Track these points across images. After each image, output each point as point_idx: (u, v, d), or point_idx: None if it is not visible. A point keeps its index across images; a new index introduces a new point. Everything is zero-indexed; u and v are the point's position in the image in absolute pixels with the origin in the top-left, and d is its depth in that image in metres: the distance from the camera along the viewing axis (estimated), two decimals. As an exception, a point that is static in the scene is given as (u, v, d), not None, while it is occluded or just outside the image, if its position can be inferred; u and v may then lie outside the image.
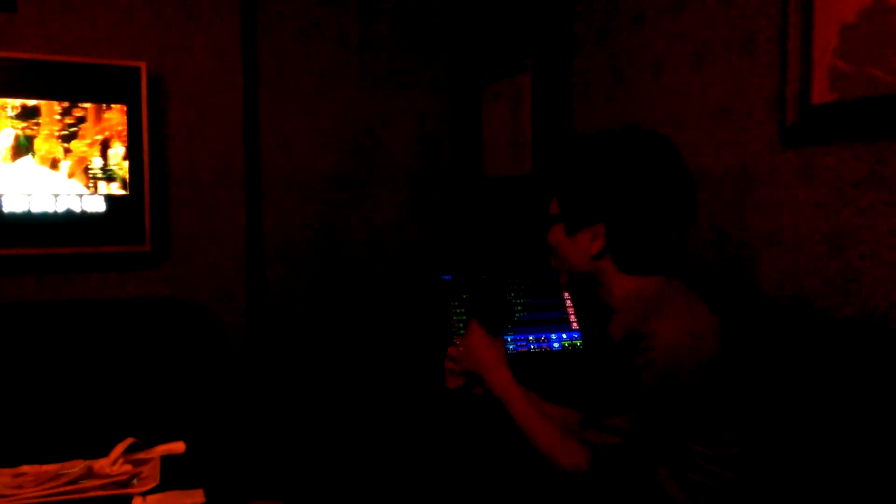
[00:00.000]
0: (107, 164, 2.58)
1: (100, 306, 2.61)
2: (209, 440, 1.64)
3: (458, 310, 2.03)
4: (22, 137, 2.48)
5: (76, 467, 1.33)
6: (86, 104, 2.55)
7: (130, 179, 2.61)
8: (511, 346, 1.98)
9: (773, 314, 1.65)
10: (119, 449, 1.37)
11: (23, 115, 2.48)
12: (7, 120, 2.46)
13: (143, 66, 2.61)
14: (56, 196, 2.53)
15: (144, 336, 2.56)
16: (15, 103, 2.47)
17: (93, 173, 2.56)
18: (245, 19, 2.87)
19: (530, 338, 2.02)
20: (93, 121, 2.56)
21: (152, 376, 2.51)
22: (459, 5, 3.16)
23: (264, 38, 2.91)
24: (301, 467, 2.63)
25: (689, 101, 1.93)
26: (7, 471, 1.33)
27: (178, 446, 1.46)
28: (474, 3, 3.07)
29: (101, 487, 1.28)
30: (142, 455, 1.41)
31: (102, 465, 1.34)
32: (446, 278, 2.07)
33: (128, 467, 1.35)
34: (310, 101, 2.99)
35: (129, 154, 2.60)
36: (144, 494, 1.27)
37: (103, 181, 2.58)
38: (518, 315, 2.01)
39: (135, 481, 1.32)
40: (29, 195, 2.50)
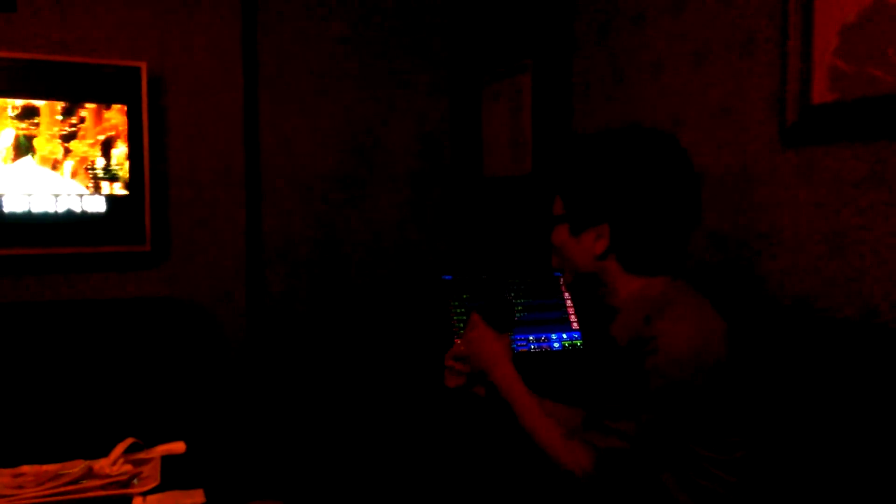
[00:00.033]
0: (107, 164, 2.58)
1: (100, 306, 2.61)
2: (209, 440, 1.64)
3: (458, 310, 2.03)
4: (22, 137, 2.48)
5: (76, 467, 1.33)
6: (86, 104, 2.55)
7: (131, 179, 2.61)
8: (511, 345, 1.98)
9: (773, 314, 1.65)
10: (119, 449, 1.37)
11: (23, 115, 2.48)
12: (7, 120, 2.46)
13: (143, 66, 2.61)
14: (56, 196, 2.53)
15: (144, 336, 2.56)
16: (15, 103, 2.47)
17: (93, 173, 2.57)
18: (245, 19, 2.87)
19: (530, 338, 2.03)
20: (93, 121, 2.56)
21: (152, 376, 2.51)
22: (459, 5, 3.16)
23: (264, 38, 2.91)
24: (301, 467, 2.63)
25: (689, 101, 1.93)
26: (7, 471, 1.33)
27: (178, 446, 1.47)
28: (474, 3, 3.07)
29: (101, 487, 1.28)
30: (142, 455, 1.41)
31: (102, 465, 1.34)
32: (446, 278, 2.07)
33: (128, 467, 1.35)
34: (310, 101, 2.99)
35: (130, 154, 2.60)
36: (144, 494, 1.27)
37: (103, 181, 2.58)
38: (518, 315, 2.01)
39: (135, 481, 1.32)
40: (29, 195, 2.50)
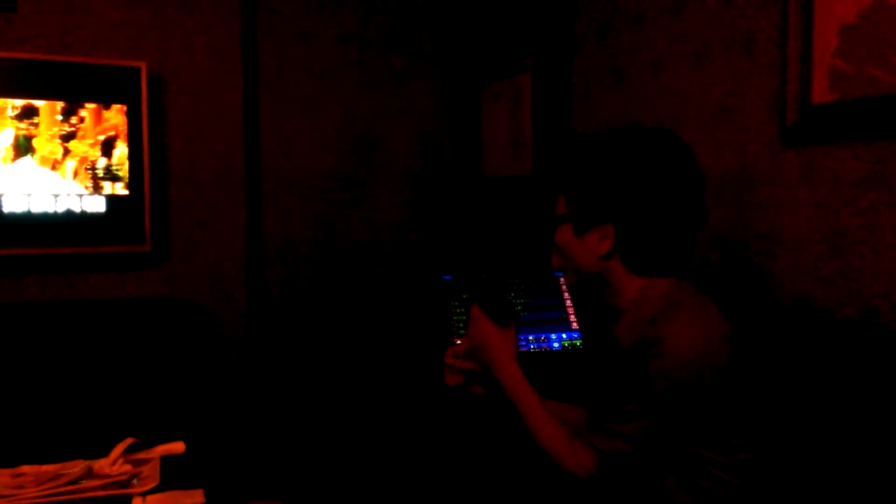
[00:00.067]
0: (107, 164, 2.58)
1: (100, 306, 2.61)
2: (209, 440, 1.64)
3: (458, 310, 2.03)
4: (22, 137, 2.48)
5: (76, 467, 1.33)
6: (86, 104, 2.54)
7: (130, 179, 2.60)
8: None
9: (773, 314, 1.65)
10: (119, 449, 1.37)
11: (23, 115, 2.48)
12: (7, 120, 2.46)
13: (143, 66, 2.61)
14: (56, 196, 2.53)
15: (144, 336, 2.56)
16: (15, 103, 2.47)
17: (93, 173, 2.56)
18: (245, 19, 2.87)
19: (530, 337, 2.02)
20: (93, 121, 2.56)
21: (152, 376, 2.51)
22: (459, 5, 3.16)
23: (264, 38, 2.91)
24: (301, 467, 2.63)
25: (689, 101, 1.93)
26: (7, 471, 1.33)
27: (178, 446, 1.46)
28: (474, 3, 3.07)
29: (101, 487, 1.28)
30: (142, 455, 1.41)
31: (102, 465, 1.34)
32: (446, 278, 2.07)
33: (128, 467, 1.35)
34: (310, 101, 2.99)
35: (130, 154, 2.60)
36: (144, 494, 1.27)
37: (103, 181, 2.58)
38: (518, 314, 2.01)
39: (135, 481, 1.32)
40: (29, 195, 2.50)
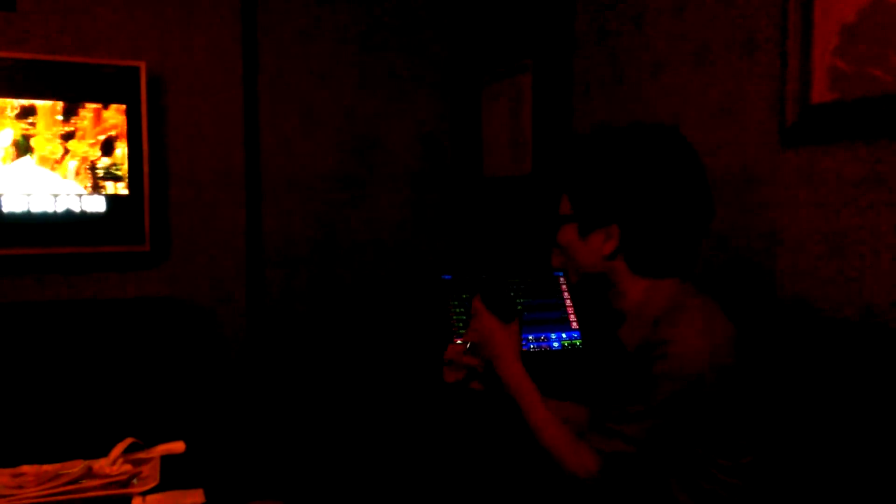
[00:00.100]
0: (107, 164, 2.58)
1: (100, 306, 2.61)
2: (209, 440, 1.64)
3: (457, 310, 2.03)
4: (21, 137, 2.48)
5: (76, 467, 1.33)
6: (85, 104, 2.54)
7: (130, 179, 2.60)
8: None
9: (772, 315, 1.65)
10: (119, 449, 1.37)
11: (22, 115, 2.48)
12: (7, 120, 2.46)
13: (142, 66, 2.60)
14: (56, 196, 2.52)
15: (144, 336, 2.56)
16: (14, 103, 2.47)
17: (93, 173, 2.56)
18: (245, 19, 2.87)
19: (530, 337, 2.02)
20: (92, 121, 2.56)
21: (152, 376, 2.51)
22: (459, 5, 3.16)
23: (264, 38, 2.91)
24: (301, 467, 2.63)
25: (689, 101, 1.93)
26: (7, 471, 1.33)
27: (178, 446, 1.46)
28: (474, 3, 3.07)
29: (101, 487, 1.28)
30: (142, 455, 1.41)
31: (102, 465, 1.34)
32: (446, 278, 2.07)
33: (128, 467, 1.35)
34: (310, 101, 2.99)
35: (129, 154, 2.60)
36: (144, 494, 1.27)
37: (103, 181, 2.58)
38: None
39: (135, 481, 1.32)
40: (28, 195, 2.49)
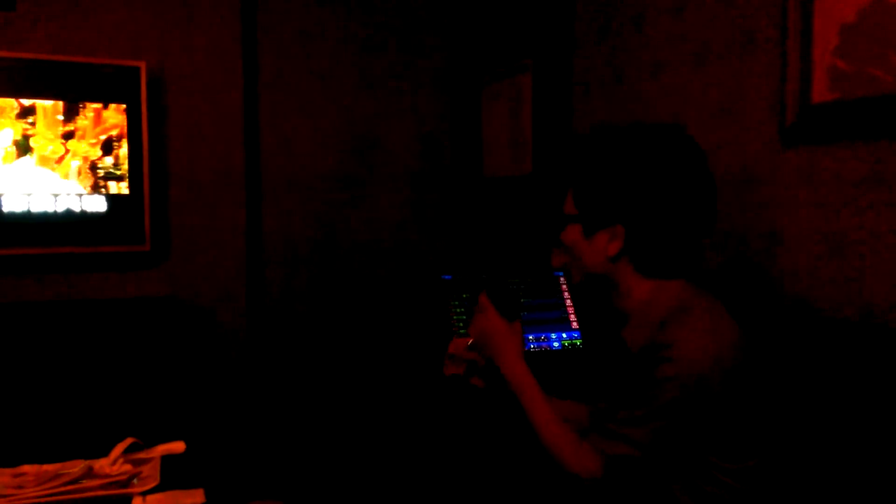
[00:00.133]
0: (107, 164, 2.58)
1: (100, 306, 2.61)
2: (209, 440, 1.64)
3: (458, 310, 2.03)
4: (21, 137, 2.48)
5: (76, 467, 1.33)
6: (85, 104, 2.54)
7: (130, 179, 2.60)
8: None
9: (773, 315, 1.65)
10: (119, 449, 1.37)
11: (22, 114, 2.48)
12: (7, 120, 2.46)
13: (142, 66, 2.60)
14: (56, 196, 2.52)
15: (145, 336, 2.56)
16: (14, 103, 2.47)
17: (93, 173, 2.56)
18: (245, 19, 2.87)
19: (530, 337, 2.02)
20: (93, 121, 2.56)
21: (152, 376, 2.51)
22: (459, 5, 3.16)
23: (264, 38, 2.91)
24: (301, 467, 2.63)
25: (689, 101, 1.93)
26: (7, 471, 1.33)
27: (178, 446, 1.47)
28: (474, 3, 3.07)
29: (101, 487, 1.28)
30: (142, 455, 1.41)
31: (102, 465, 1.34)
32: (446, 278, 2.07)
33: (128, 467, 1.35)
34: (310, 101, 2.99)
35: (129, 154, 2.60)
36: (144, 494, 1.27)
37: (103, 181, 2.58)
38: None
39: (135, 481, 1.32)
40: (29, 195, 2.50)
